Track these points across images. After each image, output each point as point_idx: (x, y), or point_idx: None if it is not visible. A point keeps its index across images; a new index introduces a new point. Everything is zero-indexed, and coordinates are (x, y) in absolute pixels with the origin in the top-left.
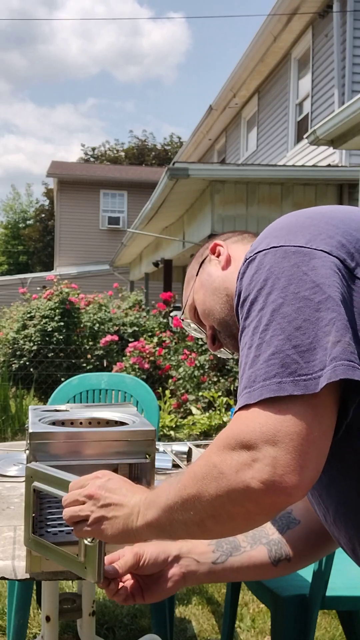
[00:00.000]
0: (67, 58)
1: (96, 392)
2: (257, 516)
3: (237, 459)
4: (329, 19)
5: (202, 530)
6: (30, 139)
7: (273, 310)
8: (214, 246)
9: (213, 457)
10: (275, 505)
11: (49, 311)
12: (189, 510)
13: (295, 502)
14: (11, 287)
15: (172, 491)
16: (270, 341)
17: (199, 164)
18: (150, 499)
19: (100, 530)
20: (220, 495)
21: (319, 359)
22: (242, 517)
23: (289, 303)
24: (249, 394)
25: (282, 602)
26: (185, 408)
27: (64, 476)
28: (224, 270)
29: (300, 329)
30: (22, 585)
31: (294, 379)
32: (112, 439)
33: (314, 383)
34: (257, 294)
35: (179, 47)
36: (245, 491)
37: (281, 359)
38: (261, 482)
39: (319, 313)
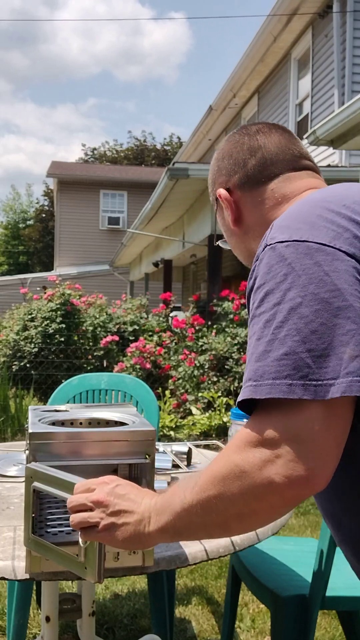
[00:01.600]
0: (68, 58)
1: (96, 392)
2: (281, 509)
3: (260, 456)
4: (329, 19)
5: (224, 530)
6: (30, 139)
7: (290, 309)
8: (219, 196)
9: (233, 457)
10: (298, 498)
11: (49, 313)
12: (210, 512)
13: (321, 488)
14: (11, 287)
15: (188, 495)
16: (284, 340)
17: (199, 164)
18: (161, 504)
19: (111, 537)
20: (244, 494)
21: (332, 367)
22: (266, 512)
23: (307, 304)
24: (254, 388)
25: (282, 602)
26: (185, 408)
27: (64, 477)
28: (234, 227)
29: (316, 332)
30: (22, 585)
31: (304, 383)
32: (112, 439)
33: (324, 390)
34: (275, 286)
35: (180, 47)
36: (269, 487)
37: (294, 361)
38: (285, 477)
39: (337, 319)
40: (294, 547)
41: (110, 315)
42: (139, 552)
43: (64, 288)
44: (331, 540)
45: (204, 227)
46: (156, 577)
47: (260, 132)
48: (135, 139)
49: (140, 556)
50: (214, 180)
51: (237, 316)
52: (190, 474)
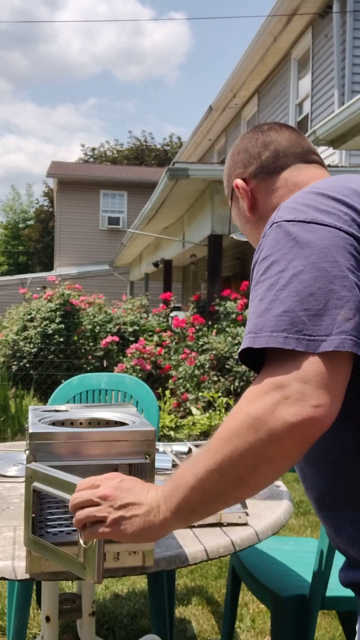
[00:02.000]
0: (68, 58)
1: (96, 392)
2: (294, 452)
3: (271, 400)
4: (329, 19)
5: (239, 489)
6: (30, 139)
7: (292, 275)
8: (236, 186)
9: (245, 408)
10: (309, 437)
11: (49, 313)
12: (226, 471)
13: (326, 429)
14: (11, 287)
15: (201, 464)
16: (284, 300)
17: (198, 164)
18: (169, 489)
19: (120, 531)
20: (259, 439)
21: (325, 326)
22: (280, 457)
23: (308, 271)
24: (253, 339)
25: (282, 602)
26: (185, 407)
27: (64, 477)
28: (250, 215)
29: (314, 295)
30: (22, 585)
31: (298, 337)
32: (112, 439)
33: (316, 344)
34: (280, 257)
35: (180, 47)
36: (283, 427)
37: (291, 318)
38: (298, 414)
39: (333, 285)
40: (294, 547)
41: (110, 316)
42: (139, 552)
43: (63, 288)
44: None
45: (204, 227)
46: (156, 577)
47: (272, 129)
48: (135, 139)
49: (140, 556)
50: (230, 174)
51: (241, 316)
52: (191, 457)
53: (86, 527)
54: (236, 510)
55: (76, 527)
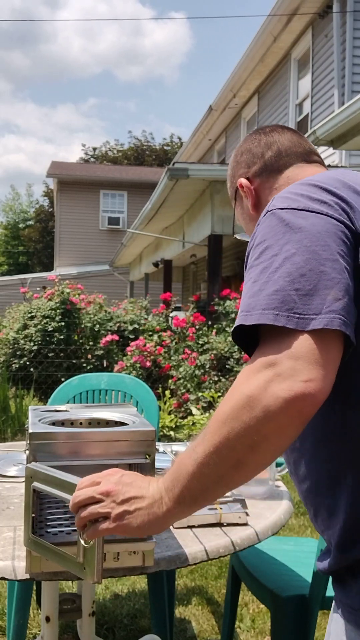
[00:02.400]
0: (68, 58)
1: (96, 392)
2: (289, 429)
3: (264, 378)
4: (329, 19)
5: (238, 471)
6: (31, 139)
7: (285, 258)
8: (240, 185)
9: (239, 389)
10: (303, 413)
11: (49, 311)
12: (223, 452)
13: (319, 406)
14: (11, 287)
15: (199, 449)
16: (276, 280)
17: (198, 164)
18: (170, 479)
19: (124, 525)
20: (254, 417)
21: (315, 305)
22: (276, 434)
23: (300, 254)
24: (245, 316)
25: (282, 602)
26: (185, 407)
27: (64, 477)
28: (253, 212)
29: (304, 276)
30: (22, 585)
31: (289, 315)
32: (112, 440)
33: (305, 322)
34: (274, 242)
35: (181, 47)
36: (276, 403)
37: (282, 296)
38: (290, 390)
39: (324, 267)
40: (294, 547)
41: (110, 315)
42: (139, 552)
43: (63, 287)
44: None
45: (204, 227)
46: (156, 577)
47: (275, 130)
48: (135, 139)
49: (140, 556)
50: (234, 174)
51: None
52: (188, 446)
53: (86, 526)
54: (236, 510)
55: (78, 526)
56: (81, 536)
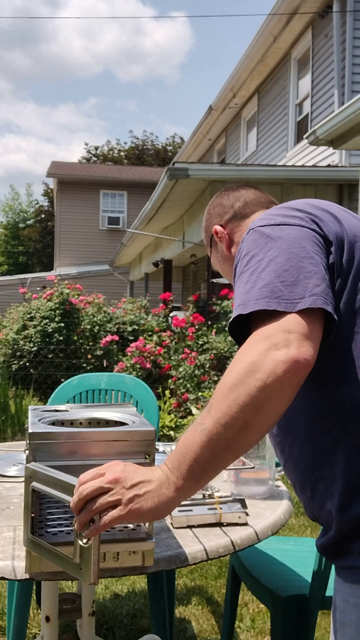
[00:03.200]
0: (69, 57)
1: (96, 392)
2: (287, 389)
3: (263, 347)
4: (329, 19)
5: (246, 434)
6: (31, 138)
7: (269, 260)
8: (215, 232)
9: (242, 358)
10: (299, 374)
11: (49, 312)
12: (232, 416)
13: (309, 369)
14: (11, 287)
15: (207, 419)
16: (264, 277)
17: (198, 164)
18: (174, 458)
19: (136, 510)
20: (259, 379)
21: (299, 292)
22: (277, 394)
23: (281, 255)
24: (242, 308)
25: (281, 602)
26: (185, 407)
27: (64, 478)
28: (227, 252)
29: (287, 271)
30: (22, 585)
31: (278, 301)
32: (112, 439)
33: (292, 305)
34: (258, 250)
35: (181, 46)
36: (277, 365)
37: (271, 288)
38: (286, 355)
39: (302, 263)
40: (294, 547)
41: (110, 315)
42: (139, 552)
43: (62, 287)
44: None
45: None
46: (156, 577)
47: (241, 188)
48: (136, 139)
49: (140, 556)
50: (209, 225)
51: None
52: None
53: (92, 521)
54: (236, 510)
55: (81, 523)
56: (78, 536)
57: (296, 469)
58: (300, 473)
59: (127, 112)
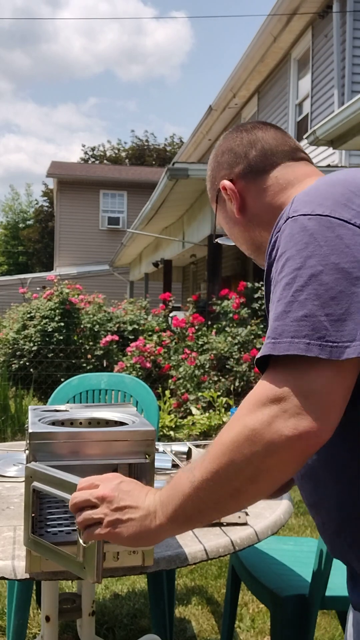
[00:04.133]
0: (69, 57)
1: (96, 392)
2: (291, 464)
3: (269, 413)
4: (329, 19)
5: (235, 500)
6: (31, 138)
7: (311, 275)
8: (222, 188)
9: (243, 419)
10: (306, 451)
11: (49, 311)
12: (221, 481)
13: (322, 445)
14: (11, 287)
15: (197, 472)
16: (304, 303)
17: (198, 164)
18: (166, 495)
19: (116, 534)
20: (256, 452)
21: (348, 331)
22: (278, 468)
23: (327, 272)
24: (273, 345)
25: (281, 602)
26: (185, 407)
27: (64, 477)
28: (239, 216)
29: (335, 299)
30: (22, 585)
31: (321, 344)
32: (112, 439)
33: (339, 351)
34: (295, 253)
35: (182, 46)
36: (279, 440)
37: (312, 323)
38: (294, 429)
39: (355, 288)
40: (294, 547)
41: (110, 315)
42: (139, 552)
43: (62, 287)
44: None
45: (204, 227)
46: (156, 577)
47: (257, 127)
48: (137, 139)
49: (140, 556)
50: (215, 176)
51: (237, 315)
52: (189, 464)
53: (86, 527)
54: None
55: (78, 526)
56: (80, 536)
57: (332, 512)
58: (338, 516)
59: (127, 112)
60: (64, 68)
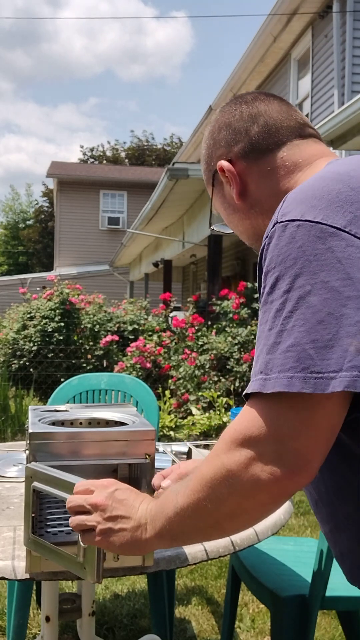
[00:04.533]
0: (70, 57)
1: (96, 392)
2: (269, 506)
3: (246, 455)
4: (329, 19)
5: (217, 530)
6: (31, 138)
7: (299, 298)
8: (220, 169)
9: (221, 457)
10: (284, 494)
11: (49, 312)
12: (201, 514)
13: (303, 487)
14: (11, 287)
15: (180, 499)
16: (291, 331)
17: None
18: (155, 510)
19: (108, 542)
20: (232, 493)
21: (335, 359)
22: (256, 509)
23: (316, 292)
24: (263, 382)
25: (281, 602)
26: (185, 408)
27: (65, 477)
28: (239, 202)
29: (323, 322)
30: (22, 585)
31: (304, 376)
32: (112, 439)
33: (325, 383)
34: (284, 271)
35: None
36: (256, 484)
37: (297, 353)
38: (270, 474)
39: (344, 309)
40: (294, 547)
41: (110, 315)
42: None
43: (62, 287)
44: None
45: (204, 227)
46: (156, 577)
47: (258, 99)
48: (136, 139)
49: (140, 556)
50: (211, 155)
51: (237, 315)
52: (184, 479)
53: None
54: None
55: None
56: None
57: (353, 542)
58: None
59: (128, 112)
60: (65, 68)
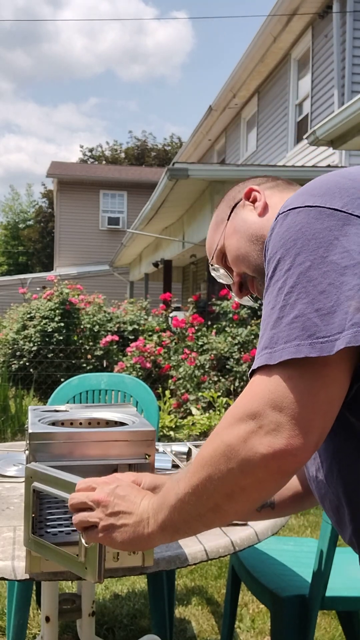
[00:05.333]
0: (70, 57)
1: (96, 392)
2: (268, 483)
3: (245, 429)
4: (329, 19)
5: (217, 514)
6: (31, 138)
7: (300, 273)
8: (249, 191)
9: (220, 434)
10: (283, 470)
11: (48, 312)
12: (202, 496)
13: (303, 464)
14: (11, 287)
15: (182, 484)
16: (294, 304)
17: (198, 165)
18: (157, 502)
19: (110, 538)
20: (231, 469)
21: (338, 322)
22: (255, 487)
23: (316, 266)
24: (269, 354)
25: (281, 602)
26: (185, 408)
27: (65, 477)
28: (261, 217)
29: (324, 292)
30: (22, 585)
31: (311, 342)
32: (112, 440)
33: (330, 345)
34: (285, 253)
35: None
36: (254, 457)
37: (302, 322)
38: (269, 446)
39: (343, 277)
40: (294, 547)
41: (110, 315)
42: (139, 552)
43: (62, 287)
44: (331, 540)
45: (204, 227)
46: (156, 577)
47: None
48: (136, 139)
49: (140, 556)
50: (235, 194)
51: (237, 315)
52: (181, 469)
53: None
54: None
55: (75, 527)
56: (81, 536)
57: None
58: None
59: (128, 112)
60: (65, 68)
